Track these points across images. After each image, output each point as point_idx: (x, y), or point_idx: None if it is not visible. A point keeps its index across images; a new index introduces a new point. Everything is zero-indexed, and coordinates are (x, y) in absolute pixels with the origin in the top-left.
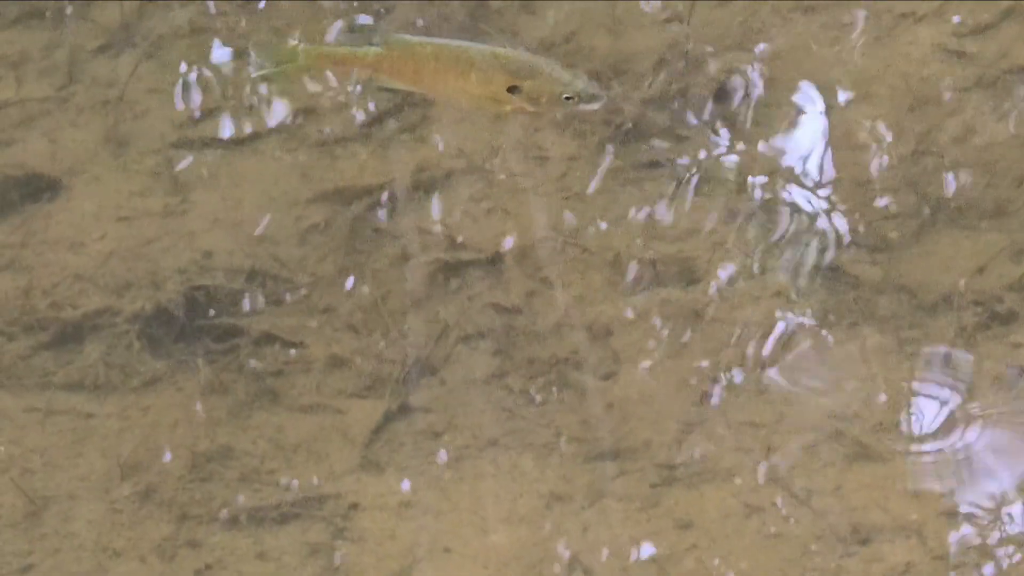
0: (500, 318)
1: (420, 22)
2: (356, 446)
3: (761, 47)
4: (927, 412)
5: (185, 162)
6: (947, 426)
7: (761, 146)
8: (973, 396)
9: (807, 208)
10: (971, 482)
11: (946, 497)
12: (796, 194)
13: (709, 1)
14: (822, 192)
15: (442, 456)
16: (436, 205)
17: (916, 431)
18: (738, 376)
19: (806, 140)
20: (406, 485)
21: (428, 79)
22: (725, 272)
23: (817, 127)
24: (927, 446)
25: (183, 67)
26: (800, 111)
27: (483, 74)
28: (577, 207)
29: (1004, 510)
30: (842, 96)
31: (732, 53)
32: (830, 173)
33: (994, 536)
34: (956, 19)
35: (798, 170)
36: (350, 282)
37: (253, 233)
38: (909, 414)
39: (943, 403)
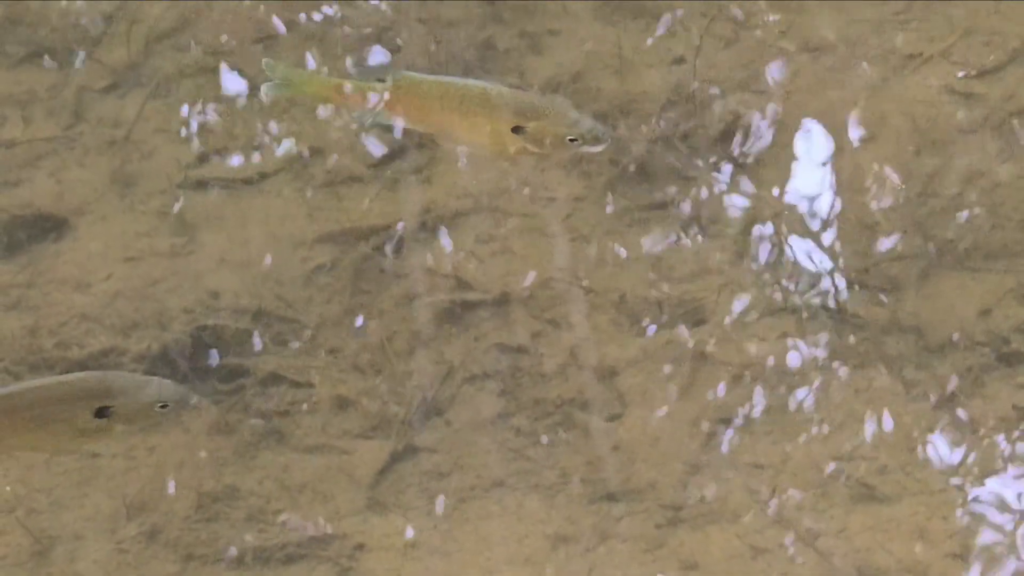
0: (506, 359)
1: (427, 61)
2: (362, 487)
3: (767, 88)
4: (934, 453)
5: (191, 202)
6: (954, 466)
7: (767, 187)
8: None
9: (813, 249)
10: (977, 523)
11: (952, 538)
12: (802, 235)
13: (715, 42)
14: (828, 233)
15: (448, 497)
16: (442, 246)
17: (922, 472)
18: (744, 417)
19: (812, 181)
20: (412, 526)
21: (434, 117)
22: (731, 313)
23: (823, 168)
24: (933, 487)
25: (190, 107)
26: (807, 152)
27: (488, 114)
28: (583, 248)
29: (1011, 551)
30: (849, 137)
31: (738, 94)
32: (837, 214)
33: None
34: (963, 61)
35: (805, 211)
36: (356, 323)
37: (259, 273)
38: (915, 455)
39: (949, 444)
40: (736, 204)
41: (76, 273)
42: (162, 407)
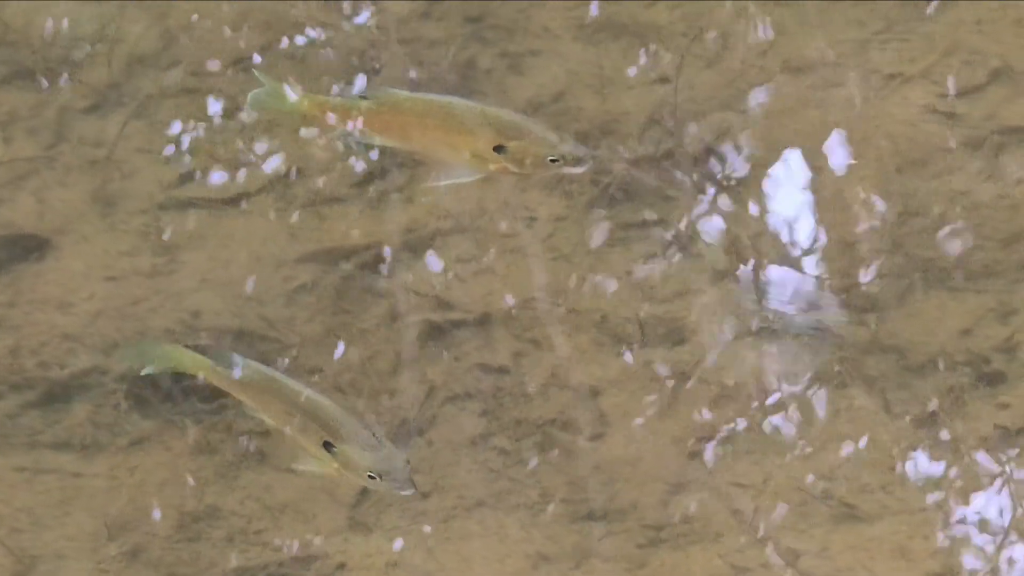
0: (488, 379)
1: (409, 81)
2: (343, 506)
3: (749, 108)
4: (915, 472)
5: (173, 222)
6: (935, 486)
7: (748, 207)
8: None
9: (794, 269)
10: (959, 542)
11: (933, 557)
12: (783, 255)
13: (696, 62)
14: (810, 253)
15: (429, 517)
16: (424, 265)
17: (903, 492)
18: (725, 437)
19: (794, 201)
20: (393, 546)
21: (415, 135)
22: (712, 333)
23: (805, 188)
24: (914, 506)
25: (172, 127)
26: (788, 172)
27: (470, 132)
28: (565, 267)
29: (993, 570)
30: (830, 157)
31: (720, 113)
32: (818, 234)
33: None
34: (945, 80)
35: (785, 231)
36: (338, 343)
37: (241, 293)
38: (896, 475)
39: (930, 464)
40: (717, 224)
41: (58, 293)
42: (371, 476)
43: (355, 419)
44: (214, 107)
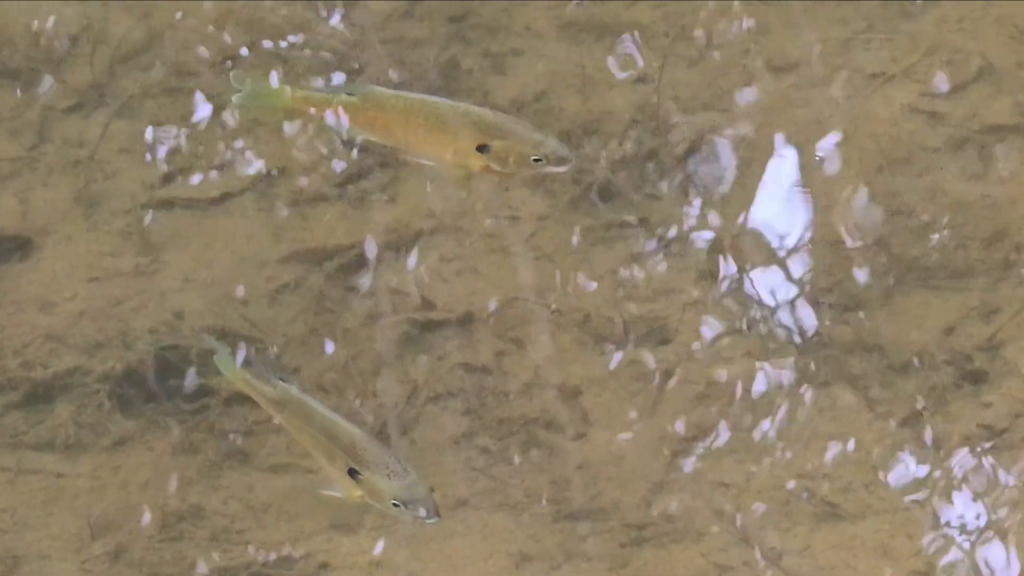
0: (470, 378)
1: (392, 81)
2: (327, 506)
3: (732, 108)
4: (897, 471)
5: (156, 222)
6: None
7: (732, 206)
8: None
9: (778, 268)
10: (941, 541)
11: (916, 556)
12: (767, 254)
13: (679, 62)
14: (793, 251)
15: None
16: (407, 265)
17: (886, 490)
18: (708, 436)
19: (777, 200)
20: (377, 545)
21: (398, 133)
22: (696, 332)
23: (788, 187)
24: (897, 505)
25: (154, 127)
26: (771, 171)
27: (453, 131)
28: (547, 267)
29: (973, 568)
30: (813, 156)
31: (702, 113)
32: (801, 233)
33: None
34: (926, 80)
35: (768, 230)
36: (321, 342)
37: (224, 293)
38: (879, 474)
39: (913, 463)
40: (700, 223)
41: (40, 293)
42: (395, 504)
43: (381, 446)
44: (197, 107)
